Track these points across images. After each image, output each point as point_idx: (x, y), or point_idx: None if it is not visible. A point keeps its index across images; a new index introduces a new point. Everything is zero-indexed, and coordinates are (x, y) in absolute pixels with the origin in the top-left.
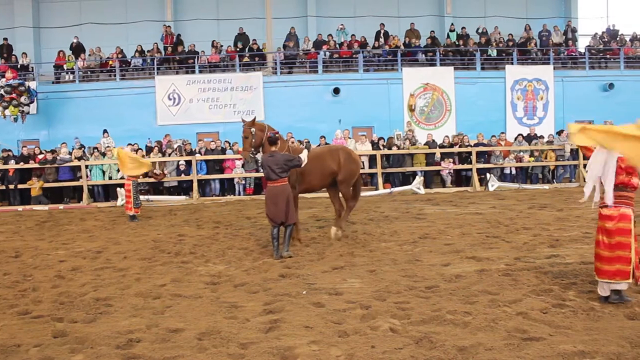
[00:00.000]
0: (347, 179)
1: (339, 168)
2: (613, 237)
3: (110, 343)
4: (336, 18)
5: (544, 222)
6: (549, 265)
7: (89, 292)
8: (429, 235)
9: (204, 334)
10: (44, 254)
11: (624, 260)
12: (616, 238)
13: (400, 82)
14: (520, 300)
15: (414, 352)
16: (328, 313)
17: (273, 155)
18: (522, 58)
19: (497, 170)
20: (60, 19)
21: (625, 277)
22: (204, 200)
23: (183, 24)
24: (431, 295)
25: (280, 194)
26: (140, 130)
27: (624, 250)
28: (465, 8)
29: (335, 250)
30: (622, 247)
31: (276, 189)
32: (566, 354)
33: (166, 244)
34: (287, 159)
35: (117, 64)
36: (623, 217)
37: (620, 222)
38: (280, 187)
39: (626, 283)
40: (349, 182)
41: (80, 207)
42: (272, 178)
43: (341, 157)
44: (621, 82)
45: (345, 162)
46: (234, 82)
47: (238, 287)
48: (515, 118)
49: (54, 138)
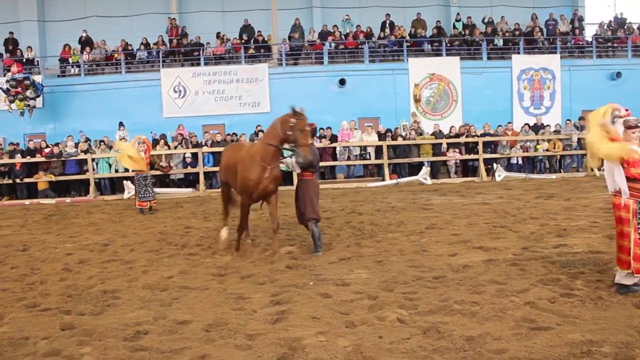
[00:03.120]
0: None
1: None
2: (617, 225)
3: (117, 335)
4: (341, 9)
5: (551, 212)
6: (557, 254)
7: (97, 285)
8: (436, 225)
9: (211, 325)
10: (52, 247)
11: (624, 250)
12: (619, 227)
13: (406, 73)
14: (528, 290)
15: (422, 342)
16: (335, 304)
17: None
18: (528, 47)
19: (504, 160)
20: (65, 12)
21: (625, 266)
22: (211, 193)
23: (188, 16)
24: (438, 286)
25: (317, 187)
26: (146, 123)
27: (624, 239)
28: None
29: (342, 241)
30: (623, 236)
31: (314, 182)
32: (574, 344)
33: (173, 236)
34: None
35: (122, 57)
36: (624, 207)
37: (621, 211)
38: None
39: (627, 273)
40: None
41: (87, 200)
42: (317, 169)
43: None
44: (629, 71)
45: None
46: (240, 74)
47: (245, 278)
48: (522, 108)
49: (60, 132)
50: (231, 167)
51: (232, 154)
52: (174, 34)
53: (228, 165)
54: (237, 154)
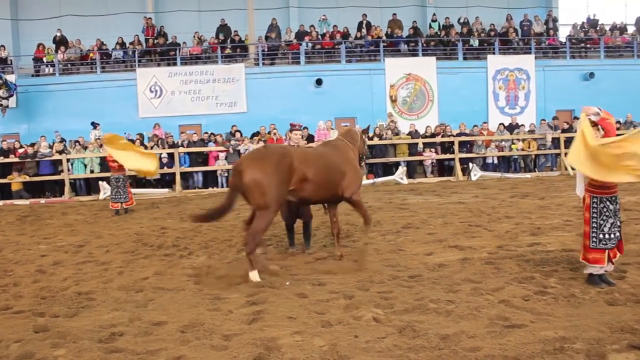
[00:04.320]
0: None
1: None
2: None
3: (92, 337)
4: (318, 9)
5: (525, 211)
6: (531, 253)
7: (71, 287)
8: (412, 224)
9: (186, 326)
10: (25, 249)
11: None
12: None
13: (382, 73)
14: (503, 288)
15: (397, 341)
16: (311, 303)
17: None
18: (503, 48)
19: (480, 160)
20: (39, 11)
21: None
22: (187, 193)
23: (164, 15)
24: (414, 285)
25: None
26: (122, 123)
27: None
28: None
29: (319, 241)
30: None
31: None
32: (547, 341)
33: (149, 237)
34: None
35: (97, 56)
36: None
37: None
38: None
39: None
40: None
41: (62, 201)
42: None
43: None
44: (601, 72)
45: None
46: (216, 74)
47: (221, 279)
48: (497, 108)
49: (35, 132)
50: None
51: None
52: (150, 33)
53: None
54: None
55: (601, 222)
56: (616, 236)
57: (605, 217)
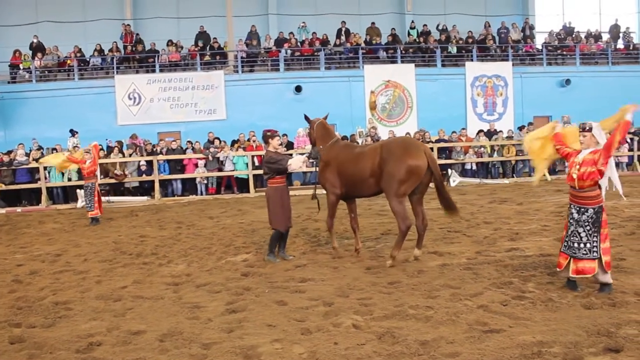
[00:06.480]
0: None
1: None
2: None
3: (70, 347)
4: (297, 16)
5: (504, 216)
6: (509, 258)
7: (48, 296)
8: (392, 231)
9: (165, 335)
10: (1, 259)
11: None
12: None
13: (362, 80)
14: (481, 294)
15: (377, 347)
16: (291, 311)
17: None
18: (481, 55)
19: (459, 166)
20: (15, 16)
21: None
22: (166, 201)
23: (143, 22)
24: (394, 291)
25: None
26: (101, 131)
27: None
28: (425, 6)
29: (298, 248)
30: None
31: (285, 188)
32: (525, 345)
33: (127, 245)
34: (267, 161)
35: (75, 63)
36: None
37: None
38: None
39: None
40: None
41: (39, 209)
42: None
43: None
44: (577, 78)
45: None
46: (195, 81)
47: (200, 287)
48: (476, 114)
49: (11, 139)
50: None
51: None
52: (128, 40)
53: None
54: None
55: (568, 228)
56: (578, 247)
57: (569, 223)
